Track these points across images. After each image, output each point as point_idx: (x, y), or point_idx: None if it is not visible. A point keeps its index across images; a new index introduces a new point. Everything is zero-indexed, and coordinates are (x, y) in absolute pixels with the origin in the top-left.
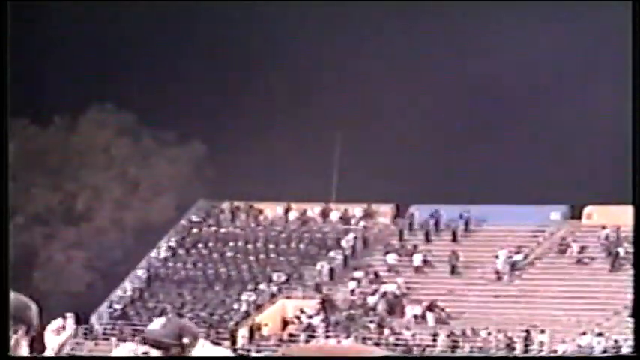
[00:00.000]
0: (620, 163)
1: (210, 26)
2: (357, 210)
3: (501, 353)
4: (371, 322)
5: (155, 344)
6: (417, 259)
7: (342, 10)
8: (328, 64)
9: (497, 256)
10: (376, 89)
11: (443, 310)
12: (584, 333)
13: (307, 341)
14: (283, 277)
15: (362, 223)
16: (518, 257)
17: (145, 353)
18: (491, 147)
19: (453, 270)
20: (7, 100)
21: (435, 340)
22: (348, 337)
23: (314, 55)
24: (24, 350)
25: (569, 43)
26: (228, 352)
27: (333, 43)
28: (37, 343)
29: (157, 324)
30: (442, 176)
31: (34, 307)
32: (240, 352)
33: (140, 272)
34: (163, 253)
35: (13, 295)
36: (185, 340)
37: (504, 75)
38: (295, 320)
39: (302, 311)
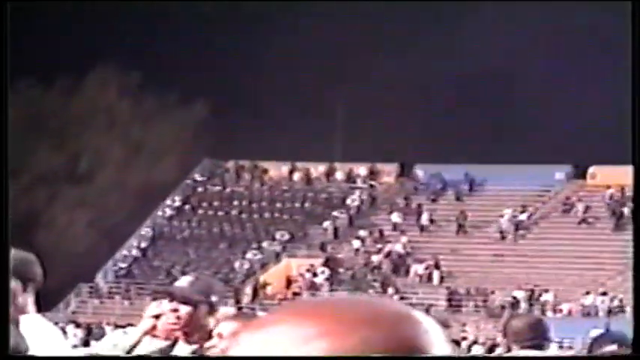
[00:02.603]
0: (623, 124)
1: None
2: (361, 169)
3: (506, 312)
4: (375, 280)
5: (185, 300)
6: (424, 218)
7: None
8: (332, 23)
9: (501, 216)
10: (380, 48)
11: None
12: (588, 292)
13: None
14: (288, 236)
15: (366, 182)
16: (522, 217)
17: (176, 310)
18: (496, 106)
19: (459, 229)
20: (7, 67)
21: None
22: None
23: (317, 14)
24: (31, 307)
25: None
26: (233, 311)
27: (337, 2)
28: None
29: (184, 281)
30: (446, 135)
31: (37, 263)
32: (244, 310)
33: (145, 231)
34: (168, 212)
35: (17, 252)
36: (213, 299)
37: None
38: (299, 279)
39: (307, 270)
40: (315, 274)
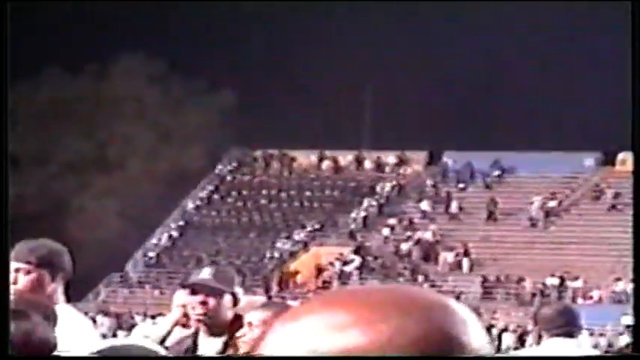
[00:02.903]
0: None
1: None
2: (390, 157)
3: (536, 299)
4: (405, 269)
5: (210, 291)
6: (453, 205)
7: None
8: (359, 12)
9: (531, 203)
10: (407, 36)
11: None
12: (618, 279)
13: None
14: (317, 225)
15: (395, 171)
16: (552, 204)
17: (204, 303)
18: (524, 94)
19: (490, 216)
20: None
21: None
22: (382, 283)
23: (345, 2)
24: (60, 297)
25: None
26: (263, 300)
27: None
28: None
29: (206, 273)
30: (475, 123)
31: (66, 252)
32: (274, 299)
33: (174, 220)
34: (197, 202)
35: (46, 242)
36: (236, 289)
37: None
38: (329, 267)
39: (337, 258)
40: (344, 263)
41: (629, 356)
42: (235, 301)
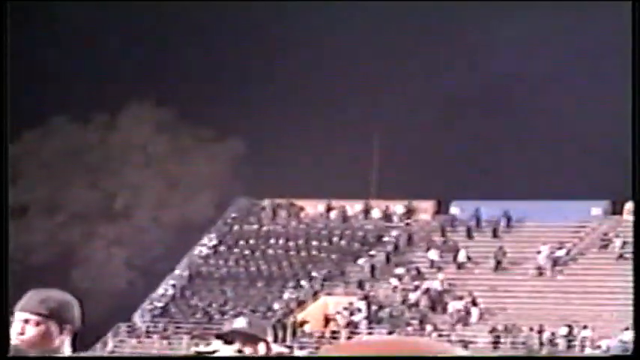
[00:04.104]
0: None
1: (248, 22)
2: (397, 207)
3: (546, 349)
4: (413, 318)
5: (246, 339)
6: (461, 255)
7: (379, 9)
8: (365, 61)
9: (539, 252)
10: (414, 86)
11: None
12: (627, 328)
13: (349, 338)
14: (325, 274)
15: (403, 220)
16: (560, 253)
17: (240, 351)
18: (532, 143)
19: (498, 266)
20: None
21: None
22: (390, 333)
23: (351, 51)
24: (67, 350)
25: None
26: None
27: (369, 42)
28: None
29: (242, 322)
30: (482, 173)
31: (77, 304)
32: (282, 348)
33: (181, 270)
34: (205, 251)
35: (57, 293)
36: (269, 339)
37: (535, 73)
38: (337, 317)
39: (345, 308)
40: (352, 313)
41: (629, 356)
42: (268, 350)
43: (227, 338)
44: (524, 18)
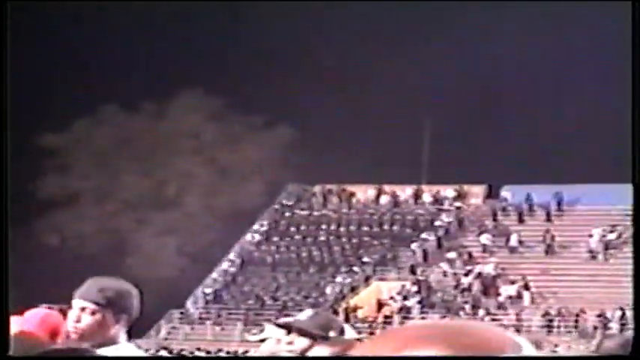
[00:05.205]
0: None
1: (297, 9)
2: (448, 191)
3: (598, 332)
4: (465, 302)
5: (303, 333)
6: (513, 239)
7: None
8: (415, 46)
9: (591, 236)
10: (465, 69)
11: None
12: None
13: (402, 323)
14: (377, 260)
15: (454, 205)
16: (612, 236)
17: (290, 343)
18: (585, 125)
19: (548, 250)
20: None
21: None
22: (443, 318)
23: (402, 37)
24: (122, 337)
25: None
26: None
27: (421, 28)
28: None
29: (305, 315)
30: (533, 155)
31: (136, 294)
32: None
33: (233, 256)
34: (256, 237)
35: (116, 283)
36: (332, 334)
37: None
38: (390, 302)
39: (398, 293)
40: (405, 297)
41: (629, 356)
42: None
43: (286, 328)
44: None
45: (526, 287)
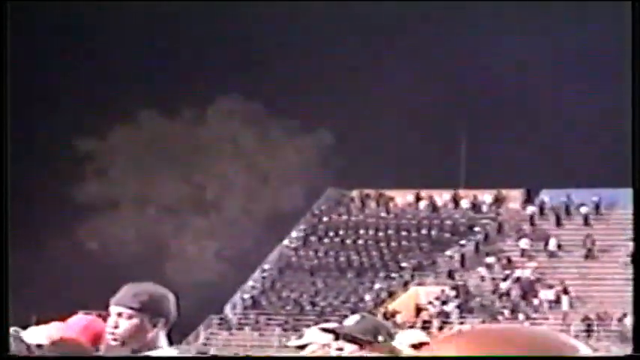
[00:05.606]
0: None
1: (333, 15)
2: (486, 196)
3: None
4: (504, 307)
5: (350, 339)
6: (552, 243)
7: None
8: (453, 50)
9: (630, 239)
10: (502, 75)
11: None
12: None
13: (441, 328)
14: (415, 264)
15: (492, 209)
16: None
17: (340, 349)
18: (619, 129)
19: (588, 254)
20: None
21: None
22: (482, 322)
23: (439, 43)
24: (162, 342)
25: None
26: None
27: (457, 36)
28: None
29: (352, 320)
30: (570, 160)
31: (171, 298)
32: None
33: (272, 261)
34: (295, 242)
35: (152, 288)
36: (380, 339)
37: None
38: (429, 307)
39: (437, 298)
40: (444, 302)
41: (629, 356)
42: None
43: (333, 333)
44: None
45: (565, 292)
